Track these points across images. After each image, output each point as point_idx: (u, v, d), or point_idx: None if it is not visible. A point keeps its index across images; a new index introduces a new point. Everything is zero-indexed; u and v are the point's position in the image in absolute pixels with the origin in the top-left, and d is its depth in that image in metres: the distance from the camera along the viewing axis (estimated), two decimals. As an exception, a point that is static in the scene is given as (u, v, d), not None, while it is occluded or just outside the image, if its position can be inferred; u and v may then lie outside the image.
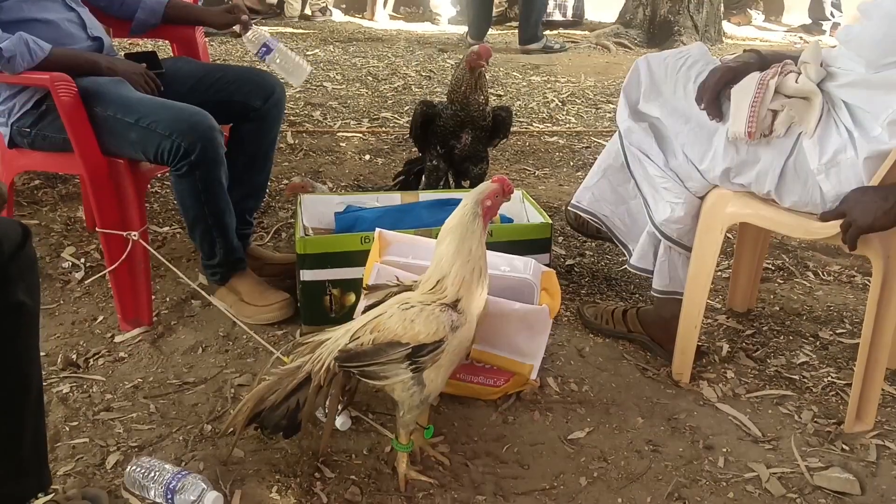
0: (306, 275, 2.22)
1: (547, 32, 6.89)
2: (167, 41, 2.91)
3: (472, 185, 2.86)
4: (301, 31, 7.25)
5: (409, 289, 1.72)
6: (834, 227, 1.86)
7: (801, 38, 7.52)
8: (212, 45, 6.03)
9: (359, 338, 1.64)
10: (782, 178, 1.91)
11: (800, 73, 1.90)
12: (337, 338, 1.68)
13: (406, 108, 4.67)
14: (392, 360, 1.61)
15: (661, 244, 2.13)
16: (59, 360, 2.16)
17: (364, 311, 1.74)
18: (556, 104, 4.99)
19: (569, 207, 2.42)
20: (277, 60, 2.51)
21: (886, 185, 1.78)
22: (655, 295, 2.20)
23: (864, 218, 1.78)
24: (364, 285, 1.85)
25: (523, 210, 2.56)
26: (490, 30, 7.00)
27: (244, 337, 2.29)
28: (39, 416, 1.52)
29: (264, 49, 2.48)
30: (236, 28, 2.60)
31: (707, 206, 2.06)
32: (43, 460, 1.55)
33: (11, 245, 1.39)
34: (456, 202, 2.45)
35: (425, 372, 1.64)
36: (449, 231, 1.65)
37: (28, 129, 2.24)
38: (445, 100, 2.79)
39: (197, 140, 2.11)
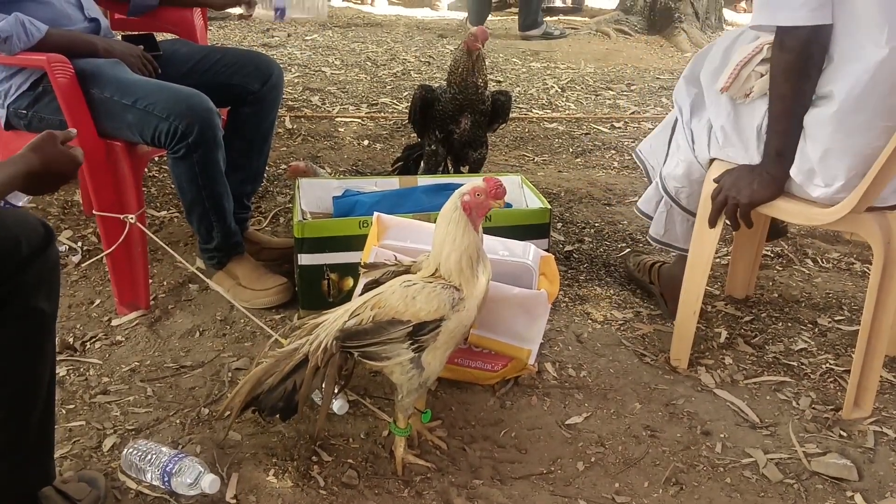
0: (304, 259, 2.21)
1: (547, 19, 6.86)
2: (165, 32, 2.87)
3: (472, 171, 2.86)
4: (300, 15, 7.20)
5: (407, 270, 1.71)
6: (834, 213, 1.86)
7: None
8: (210, 30, 6.00)
9: (359, 314, 1.64)
10: (757, 141, 1.95)
11: None
12: (335, 318, 1.67)
13: (405, 94, 4.65)
14: (393, 340, 1.61)
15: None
16: (56, 343, 2.15)
17: (363, 291, 1.74)
18: (556, 90, 4.98)
19: (632, 152, 2.52)
20: (295, 4, 2.56)
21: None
22: (651, 242, 2.31)
23: (738, 193, 1.96)
24: (362, 263, 1.85)
25: (522, 195, 2.55)
26: (490, 16, 6.97)
27: (242, 321, 2.28)
28: (48, 412, 1.48)
29: (279, 12, 2.47)
30: (235, 10, 2.58)
31: (707, 191, 2.05)
32: (48, 454, 1.52)
33: (32, 248, 1.33)
34: (454, 187, 2.46)
35: (424, 355, 1.63)
36: (437, 219, 1.66)
37: (24, 111, 2.22)
38: (445, 84, 2.77)
39: (194, 122, 2.09)
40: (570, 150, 3.91)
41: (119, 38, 2.46)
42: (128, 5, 2.58)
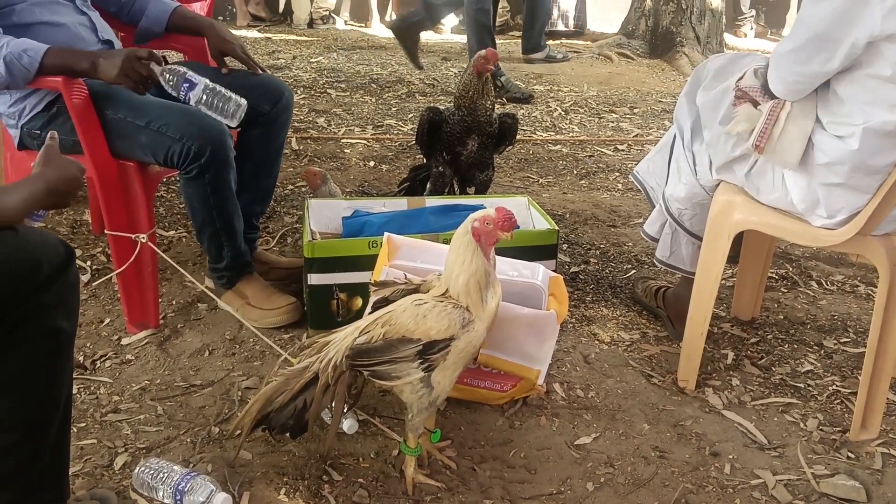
0: (314, 279, 2.23)
1: (549, 42, 6.90)
2: (176, 52, 2.89)
3: (478, 192, 2.89)
4: (305, 38, 7.27)
5: (417, 289, 1.73)
6: (840, 235, 1.88)
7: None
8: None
9: (369, 331, 1.65)
10: (759, 166, 1.98)
11: None
12: (345, 335, 1.69)
13: (410, 116, 4.68)
14: (403, 359, 1.62)
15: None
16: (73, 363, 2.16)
17: (373, 309, 1.75)
18: (559, 113, 5.01)
19: (630, 175, 2.54)
20: (204, 98, 2.11)
21: None
22: (657, 264, 2.35)
23: None
24: (372, 281, 1.86)
25: (529, 216, 2.57)
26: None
27: (251, 340, 2.29)
28: (63, 432, 1.48)
29: (185, 85, 2.10)
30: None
31: (714, 213, 2.07)
32: (63, 473, 1.52)
33: (53, 268, 1.34)
34: (462, 208, 2.49)
35: (433, 374, 1.64)
36: (451, 241, 1.69)
37: (38, 132, 2.24)
38: (452, 106, 2.80)
39: (207, 143, 2.12)
40: (575, 171, 3.94)
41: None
42: (134, 29, 2.59)
